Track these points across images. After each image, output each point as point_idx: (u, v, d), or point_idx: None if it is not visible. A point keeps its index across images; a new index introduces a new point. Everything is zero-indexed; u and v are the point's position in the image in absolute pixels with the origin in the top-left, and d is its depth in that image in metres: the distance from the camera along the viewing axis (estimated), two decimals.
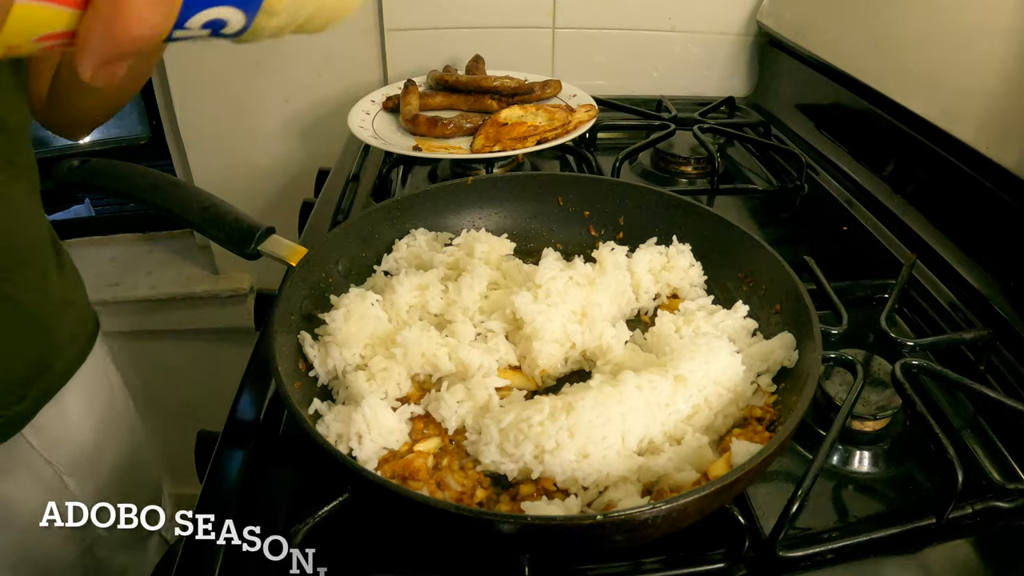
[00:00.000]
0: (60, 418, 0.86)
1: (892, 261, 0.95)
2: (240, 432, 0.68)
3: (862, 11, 1.18)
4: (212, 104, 1.53)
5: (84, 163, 0.75)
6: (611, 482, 0.58)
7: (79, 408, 0.89)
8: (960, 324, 0.83)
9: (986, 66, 0.90)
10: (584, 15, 1.48)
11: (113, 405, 0.97)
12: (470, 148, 1.16)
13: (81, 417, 0.89)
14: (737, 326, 0.72)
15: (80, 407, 0.89)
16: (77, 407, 0.88)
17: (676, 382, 0.63)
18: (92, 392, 0.92)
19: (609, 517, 0.48)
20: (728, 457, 0.57)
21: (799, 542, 0.57)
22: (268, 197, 1.65)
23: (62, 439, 0.86)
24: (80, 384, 0.88)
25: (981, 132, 0.85)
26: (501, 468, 0.59)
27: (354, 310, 0.71)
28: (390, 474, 0.59)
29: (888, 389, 0.68)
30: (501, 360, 0.70)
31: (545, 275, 0.75)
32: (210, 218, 0.70)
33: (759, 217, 1.11)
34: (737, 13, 1.49)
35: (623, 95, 1.47)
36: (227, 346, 1.80)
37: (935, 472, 0.64)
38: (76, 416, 0.88)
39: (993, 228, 0.86)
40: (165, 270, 1.76)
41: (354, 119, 1.22)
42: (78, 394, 0.88)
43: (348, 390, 0.66)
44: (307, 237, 1.03)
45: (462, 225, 0.89)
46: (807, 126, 1.34)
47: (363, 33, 1.47)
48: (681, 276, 0.81)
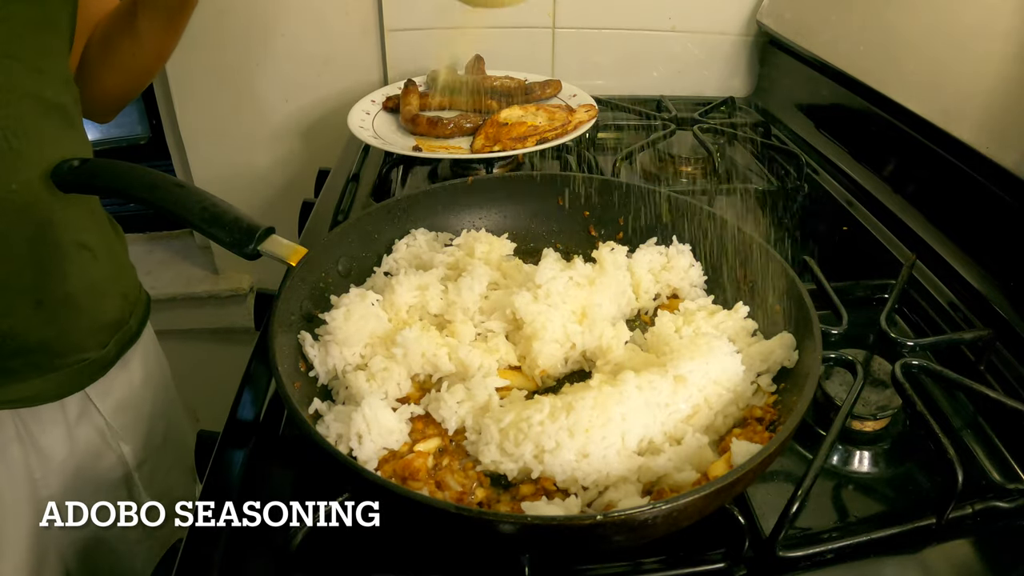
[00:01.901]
0: (127, 383, 0.94)
1: (892, 261, 0.95)
2: (240, 432, 0.68)
3: (862, 11, 1.18)
4: (212, 104, 1.52)
5: (84, 163, 0.74)
6: (611, 482, 0.58)
7: (141, 376, 0.97)
8: (960, 324, 0.83)
9: (986, 66, 0.90)
10: (584, 15, 1.47)
11: (165, 379, 1.06)
12: (470, 148, 1.16)
13: (143, 385, 0.98)
14: (737, 326, 0.72)
15: (141, 375, 0.97)
16: (140, 374, 0.97)
17: (676, 382, 0.63)
18: (150, 362, 1.00)
19: (609, 517, 0.48)
20: (728, 457, 0.57)
21: (799, 542, 0.57)
22: (268, 197, 1.65)
23: (125, 405, 0.94)
24: (141, 352, 0.97)
25: (981, 132, 0.85)
26: (501, 468, 0.59)
27: (354, 309, 0.71)
28: (390, 474, 0.59)
29: (888, 389, 0.68)
30: (501, 360, 0.70)
31: (545, 275, 0.75)
32: (210, 218, 0.70)
33: (759, 217, 1.11)
34: (737, 13, 1.49)
35: (623, 95, 1.47)
36: (227, 346, 1.80)
37: (935, 472, 0.64)
38: (139, 383, 0.97)
39: (993, 228, 0.86)
40: (165, 270, 1.76)
41: (354, 119, 1.22)
42: (140, 362, 0.97)
43: (348, 390, 0.66)
44: (307, 237, 1.03)
45: (462, 225, 0.89)
46: (807, 126, 1.34)
47: (363, 33, 1.47)
48: (681, 276, 0.81)
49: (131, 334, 0.94)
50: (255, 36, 1.45)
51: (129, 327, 0.93)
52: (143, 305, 0.98)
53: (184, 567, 0.55)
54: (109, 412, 0.92)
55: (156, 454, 1.00)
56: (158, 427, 1.01)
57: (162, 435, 1.02)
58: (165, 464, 1.02)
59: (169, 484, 1.02)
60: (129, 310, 0.93)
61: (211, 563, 0.55)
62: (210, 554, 0.55)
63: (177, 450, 1.05)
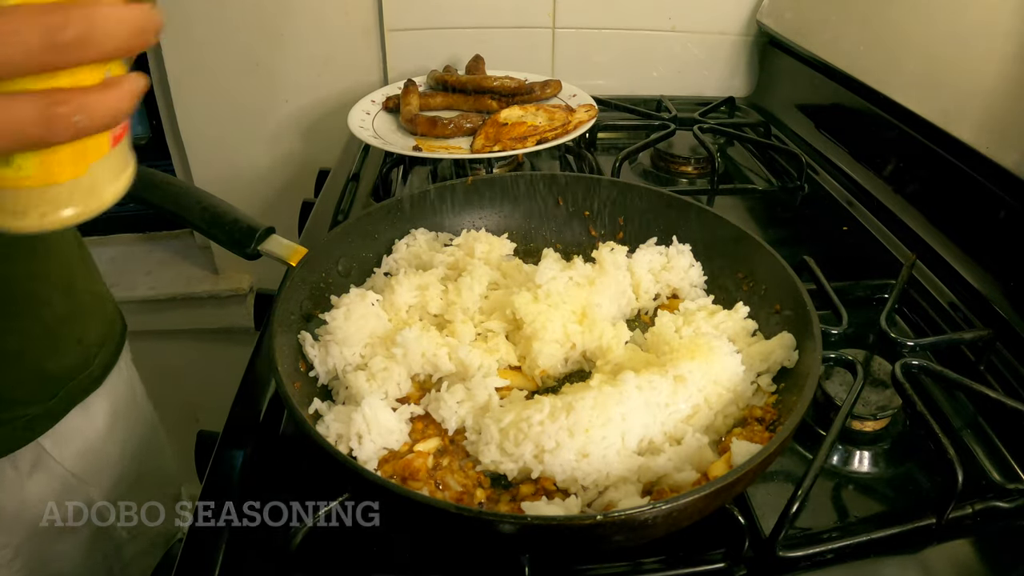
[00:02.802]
0: (88, 424, 0.84)
1: (892, 261, 0.95)
2: (240, 432, 0.68)
3: (862, 11, 1.18)
4: (212, 104, 1.52)
5: None
6: (611, 482, 0.58)
7: (106, 420, 0.87)
8: (960, 324, 0.83)
9: (986, 66, 0.90)
10: (584, 15, 1.48)
11: (138, 412, 0.95)
12: (470, 148, 1.16)
13: (109, 426, 0.87)
14: (737, 327, 0.72)
15: (106, 419, 0.87)
16: (103, 418, 0.87)
17: (676, 382, 0.63)
18: (118, 399, 0.90)
19: (609, 517, 0.48)
20: (728, 457, 0.57)
21: (799, 542, 0.57)
22: (268, 197, 1.65)
23: (87, 451, 0.84)
24: (107, 394, 0.87)
25: (981, 132, 0.85)
26: (501, 468, 0.59)
27: (354, 309, 0.71)
28: (390, 474, 0.59)
29: (888, 389, 0.68)
30: (501, 360, 0.70)
31: (545, 275, 0.75)
32: (210, 218, 0.70)
33: (759, 217, 1.11)
34: (737, 13, 1.49)
35: (623, 95, 1.47)
36: (227, 346, 1.79)
37: (935, 472, 0.64)
38: (103, 424, 0.86)
39: (993, 228, 0.86)
40: (165, 270, 1.76)
41: (354, 119, 1.22)
42: (105, 404, 0.87)
43: (348, 390, 0.66)
44: (307, 237, 1.03)
45: (462, 225, 0.89)
46: (807, 126, 1.34)
47: (363, 33, 1.47)
48: (681, 276, 0.81)
49: (91, 379, 0.83)
50: (255, 36, 1.45)
51: (89, 373, 0.82)
52: (113, 341, 0.88)
53: (184, 567, 0.55)
54: (69, 461, 0.82)
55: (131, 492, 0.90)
56: (130, 467, 0.91)
57: (135, 473, 0.92)
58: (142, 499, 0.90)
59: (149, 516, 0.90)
60: (91, 353, 0.83)
61: (211, 563, 0.55)
62: (210, 554, 0.55)
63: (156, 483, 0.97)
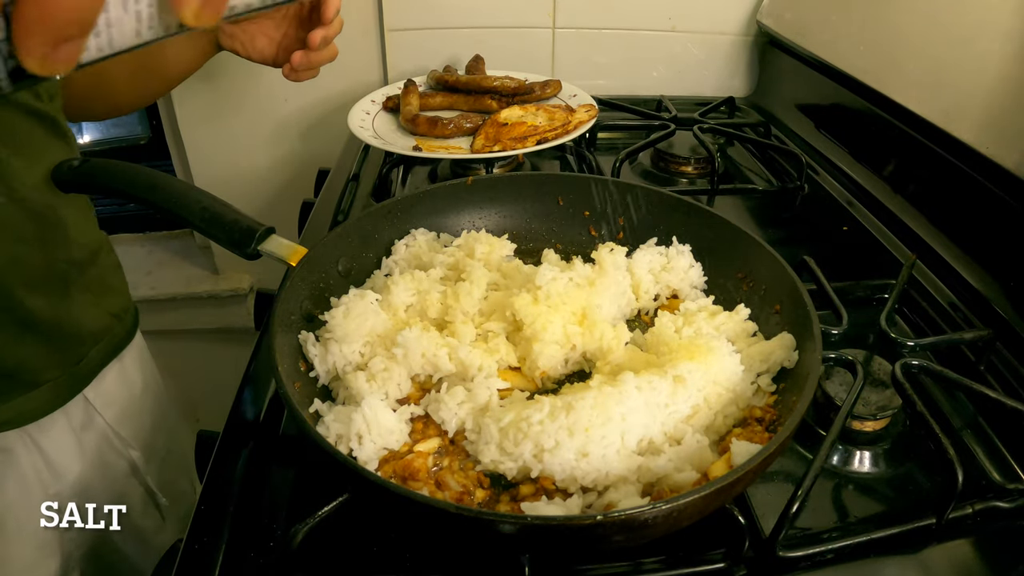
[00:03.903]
0: (127, 393, 0.96)
1: (892, 261, 0.95)
2: (240, 432, 0.68)
3: (862, 11, 1.18)
4: (212, 104, 1.52)
5: (84, 163, 0.74)
6: (611, 482, 0.58)
7: (140, 385, 0.99)
8: (960, 324, 0.83)
9: (986, 66, 0.90)
10: (584, 15, 1.48)
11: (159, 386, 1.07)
12: (470, 148, 1.16)
13: (142, 393, 0.99)
14: (737, 328, 0.72)
15: (140, 384, 0.99)
16: (139, 384, 0.98)
17: (676, 382, 0.63)
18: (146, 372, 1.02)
19: (609, 517, 0.48)
20: (728, 457, 0.57)
21: (799, 542, 0.57)
22: (268, 197, 1.65)
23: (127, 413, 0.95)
24: (137, 361, 0.99)
25: (981, 132, 0.85)
26: (500, 467, 0.59)
27: (353, 307, 0.71)
28: (390, 474, 0.59)
29: (888, 389, 0.68)
30: (501, 361, 0.70)
31: (545, 277, 0.75)
32: (210, 218, 0.70)
33: (759, 217, 1.11)
34: (737, 13, 1.49)
35: (623, 95, 1.47)
36: (227, 346, 1.80)
37: (935, 472, 0.64)
38: (139, 391, 0.98)
39: (993, 228, 0.86)
40: (165, 270, 1.76)
41: (354, 119, 1.22)
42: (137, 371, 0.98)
43: (348, 390, 0.66)
44: (307, 237, 1.03)
45: (462, 225, 0.89)
46: (807, 126, 1.34)
47: (363, 33, 1.47)
48: (681, 277, 0.81)
49: (124, 331, 0.95)
50: None
51: (124, 325, 0.95)
52: (131, 313, 0.99)
53: (184, 567, 0.55)
54: (113, 420, 0.93)
55: (161, 459, 1.02)
56: (160, 434, 1.03)
57: (164, 442, 1.03)
58: (170, 468, 1.03)
59: (176, 488, 1.03)
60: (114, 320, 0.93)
61: (211, 563, 0.55)
62: (210, 554, 0.55)
63: (179, 455, 1.06)
